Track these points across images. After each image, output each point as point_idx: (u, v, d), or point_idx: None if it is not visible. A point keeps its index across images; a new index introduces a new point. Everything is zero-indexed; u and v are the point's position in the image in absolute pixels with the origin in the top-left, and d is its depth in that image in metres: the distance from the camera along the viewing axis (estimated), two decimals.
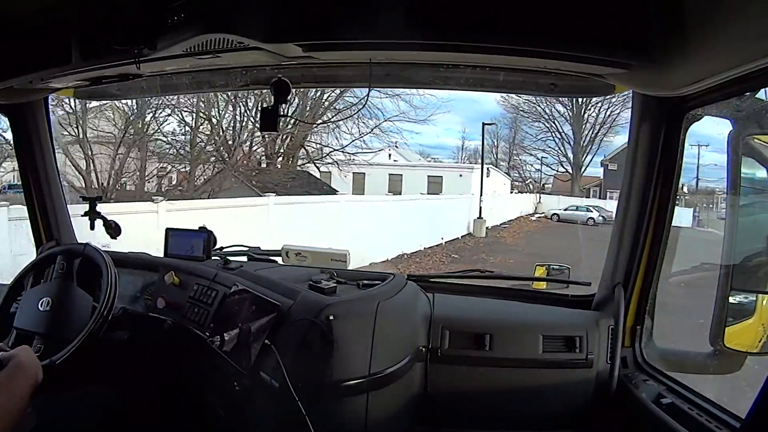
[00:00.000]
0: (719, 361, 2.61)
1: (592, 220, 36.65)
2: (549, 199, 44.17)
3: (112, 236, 3.41)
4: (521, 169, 50.77)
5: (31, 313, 2.82)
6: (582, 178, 48.31)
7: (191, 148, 24.80)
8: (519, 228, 32.79)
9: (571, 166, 48.08)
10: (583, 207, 39.43)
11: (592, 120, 45.76)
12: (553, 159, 48.88)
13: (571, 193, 46.49)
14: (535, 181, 50.03)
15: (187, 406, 3.10)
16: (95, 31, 2.43)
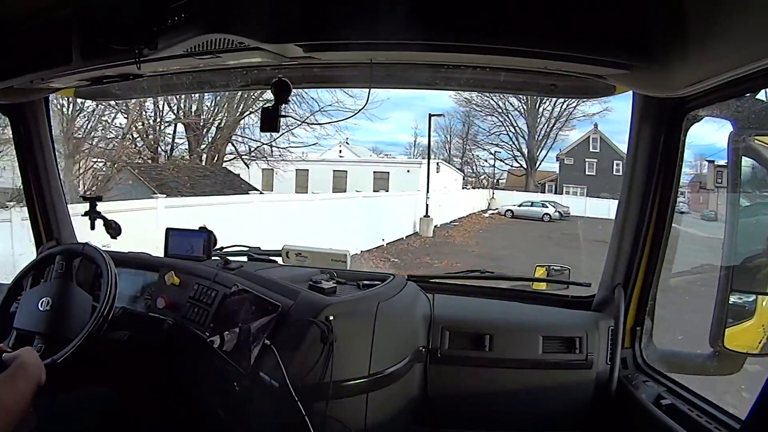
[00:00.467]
0: (719, 363, 2.61)
1: (548, 216, 37.24)
2: (503, 194, 44.32)
3: (112, 236, 3.41)
4: (474, 164, 51.25)
5: (31, 313, 2.82)
6: (537, 173, 49.21)
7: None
8: (470, 226, 32.32)
9: (526, 160, 49.06)
10: (539, 202, 39.80)
11: (548, 114, 47.54)
12: (507, 154, 49.67)
13: (526, 189, 47.03)
14: (489, 177, 50.42)
15: (187, 406, 3.10)
16: (96, 31, 2.43)
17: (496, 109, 46.75)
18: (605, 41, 1.99)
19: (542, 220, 36.37)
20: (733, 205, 2.50)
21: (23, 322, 2.82)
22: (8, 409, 1.83)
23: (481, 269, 3.52)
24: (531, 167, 48.58)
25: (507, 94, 38.86)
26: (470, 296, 3.26)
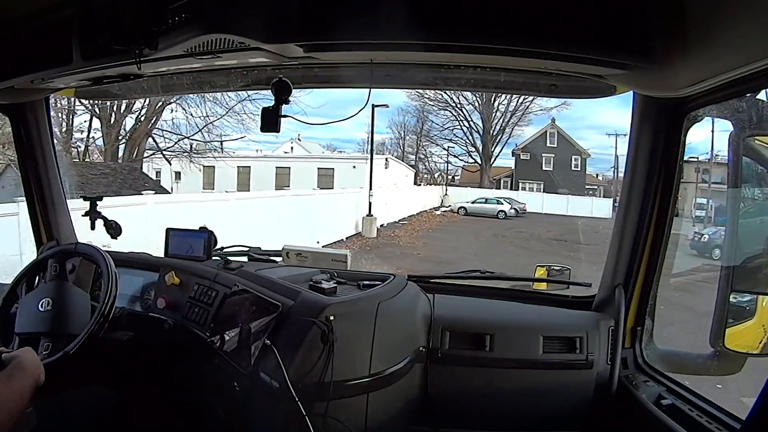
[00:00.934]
0: (720, 363, 2.61)
1: (503, 213, 36.44)
2: (457, 191, 43.42)
3: (112, 236, 3.41)
4: (427, 160, 50.45)
5: (32, 316, 2.81)
6: (492, 168, 48.46)
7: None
8: (419, 225, 30.85)
9: (480, 156, 48.11)
10: (493, 199, 39.10)
11: (503, 108, 46.44)
12: (461, 149, 48.71)
13: (481, 185, 46.25)
14: (444, 173, 49.42)
15: (188, 406, 3.09)
16: (96, 32, 2.43)
17: (449, 104, 46.05)
18: (605, 41, 1.99)
19: (497, 218, 35.77)
20: (733, 205, 2.50)
21: (25, 326, 2.81)
22: (6, 409, 1.83)
23: (481, 269, 3.52)
24: (486, 163, 47.90)
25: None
26: (470, 296, 3.26)
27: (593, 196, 48.56)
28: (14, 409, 1.86)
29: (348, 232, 24.39)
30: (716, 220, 20.03)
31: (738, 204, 2.50)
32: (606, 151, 69.82)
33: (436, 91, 41.06)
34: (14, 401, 1.87)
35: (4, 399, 1.84)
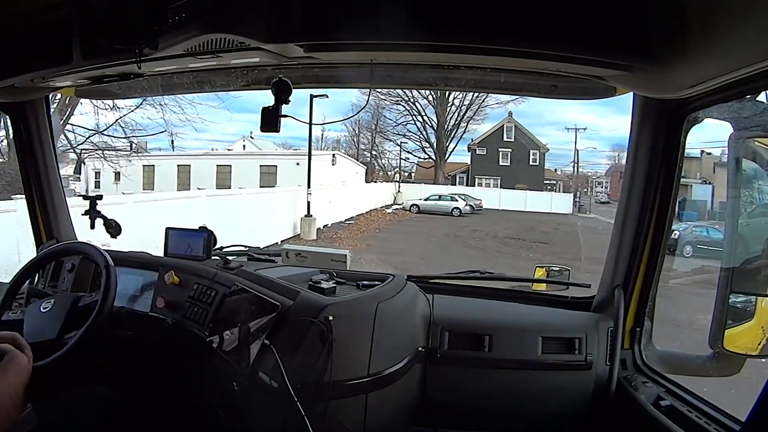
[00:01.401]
0: (719, 364, 2.61)
1: (458, 210, 35.19)
2: (412, 188, 42.17)
3: (112, 235, 3.41)
4: (380, 157, 49.08)
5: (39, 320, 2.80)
6: (447, 164, 46.93)
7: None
8: (367, 224, 28.73)
9: (435, 151, 46.67)
10: (447, 196, 37.78)
11: (458, 102, 44.46)
12: (415, 144, 47.45)
13: (435, 181, 44.74)
14: (402, 170, 48.28)
15: (187, 405, 3.09)
16: (96, 31, 2.43)
17: (402, 98, 44.38)
18: (606, 42, 2.00)
19: (451, 215, 34.49)
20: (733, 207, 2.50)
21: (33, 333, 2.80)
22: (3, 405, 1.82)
23: (480, 270, 3.52)
24: (440, 159, 46.42)
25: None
26: (470, 297, 3.26)
27: (552, 191, 48.26)
28: (10, 405, 1.85)
29: (284, 234, 22.41)
30: (681, 215, 19.52)
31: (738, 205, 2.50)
32: (565, 146, 68.63)
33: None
34: (10, 397, 1.86)
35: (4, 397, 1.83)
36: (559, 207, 42.30)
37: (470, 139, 47.26)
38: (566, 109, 53.21)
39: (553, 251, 22.58)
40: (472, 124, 47.06)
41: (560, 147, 71.29)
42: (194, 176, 31.42)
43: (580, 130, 47.02)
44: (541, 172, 47.41)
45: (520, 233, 28.03)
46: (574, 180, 49.67)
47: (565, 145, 73.05)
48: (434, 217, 32.81)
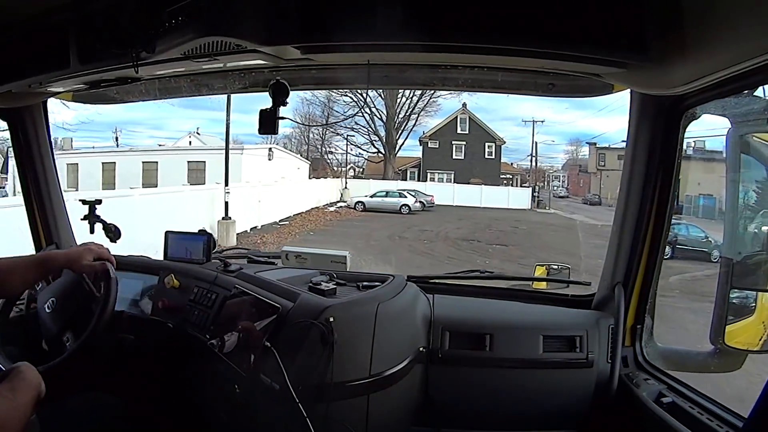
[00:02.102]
0: (720, 360, 2.61)
1: (407, 208, 33.44)
2: (360, 184, 40.02)
3: (111, 239, 3.40)
4: (330, 152, 47.92)
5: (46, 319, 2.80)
6: (397, 159, 45.34)
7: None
8: (302, 225, 25.46)
9: (384, 145, 44.71)
10: (395, 192, 35.76)
11: (408, 93, 42.48)
12: (364, 138, 45.20)
13: (385, 176, 42.95)
14: (356, 166, 47.50)
15: (189, 409, 3.10)
16: (93, 35, 2.44)
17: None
18: (602, 40, 2.00)
19: (400, 213, 32.51)
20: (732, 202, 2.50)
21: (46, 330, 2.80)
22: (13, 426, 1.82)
23: (480, 269, 3.52)
24: (390, 153, 44.33)
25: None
26: (470, 296, 3.26)
27: (509, 185, 47.14)
28: (18, 424, 1.85)
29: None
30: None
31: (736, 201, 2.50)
32: (521, 140, 67.97)
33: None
34: (19, 418, 1.85)
35: (12, 415, 1.83)
36: (517, 202, 41.40)
37: (422, 131, 46.18)
38: (522, 105, 51.98)
39: (513, 255, 20.40)
40: (424, 117, 46.06)
41: (516, 141, 70.10)
42: (120, 174, 28.72)
43: (538, 123, 47.15)
44: (497, 166, 46.66)
45: (474, 233, 26.20)
46: (532, 174, 49.19)
47: (521, 140, 71.53)
48: (380, 215, 30.74)
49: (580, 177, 56.34)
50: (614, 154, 48.30)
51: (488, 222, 30.35)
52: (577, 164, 57.89)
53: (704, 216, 22.06)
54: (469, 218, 31.43)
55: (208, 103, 25.36)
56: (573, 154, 58.80)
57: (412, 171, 46.75)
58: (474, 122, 45.29)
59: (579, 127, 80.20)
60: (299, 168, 37.96)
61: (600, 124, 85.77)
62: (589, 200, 48.57)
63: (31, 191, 3.66)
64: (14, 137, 3.55)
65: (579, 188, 55.13)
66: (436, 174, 45.13)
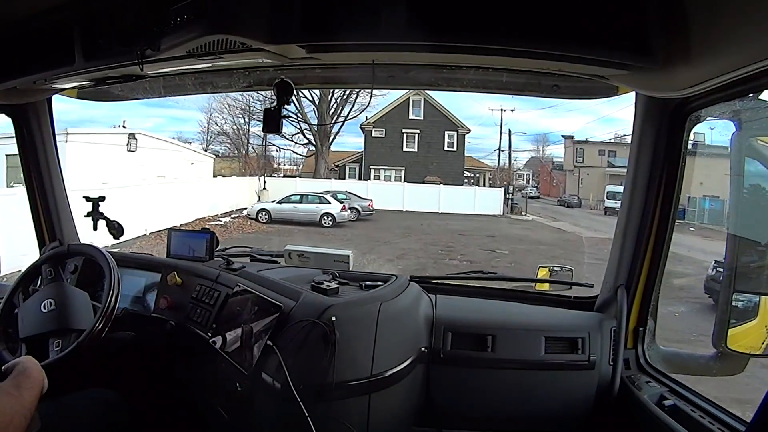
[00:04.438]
0: (722, 363, 2.61)
1: (330, 218, 25.95)
2: (285, 183, 33.04)
3: (115, 236, 3.41)
4: (252, 146, 39.85)
5: (36, 318, 2.80)
6: (331, 151, 38.09)
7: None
8: (152, 249, 14.04)
9: (314, 134, 36.62)
10: (314, 196, 27.69)
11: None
12: (293, 126, 36.69)
13: (315, 174, 36.03)
14: (295, 162, 41.25)
15: (190, 407, 3.10)
16: (98, 33, 2.45)
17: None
18: (607, 42, 1.99)
19: (320, 225, 25.09)
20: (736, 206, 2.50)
21: (29, 329, 2.80)
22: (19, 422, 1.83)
23: (483, 270, 3.52)
24: (322, 144, 36.47)
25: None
26: (473, 297, 3.26)
27: (475, 184, 39.94)
28: (23, 420, 1.86)
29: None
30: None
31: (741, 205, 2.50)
32: (485, 139, 63.09)
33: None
34: (25, 415, 1.87)
35: (17, 412, 1.84)
36: (486, 206, 34.20)
37: (364, 117, 36.51)
38: (482, 103, 47.64)
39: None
40: (367, 98, 39.73)
41: (479, 141, 66.83)
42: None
43: (507, 111, 40.24)
44: (460, 161, 38.69)
45: (425, 262, 17.92)
46: (502, 172, 41.94)
47: (485, 139, 67.78)
48: (290, 229, 23.69)
49: (552, 175, 52.32)
50: (594, 148, 44.72)
51: (448, 238, 23.21)
52: (550, 160, 54.07)
53: (711, 221, 20.80)
54: (419, 232, 24.54)
55: (168, 101, 23.97)
56: (540, 151, 54.85)
57: (352, 167, 39.41)
58: (431, 105, 37.09)
59: (541, 126, 77.80)
60: (193, 163, 31.04)
61: (562, 124, 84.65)
62: (566, 202, 44.21)
63: (35, 188, 3.67)
64: (19, 134, 3.55)
65: (552, 188, 51.46)
66: (382, 170, 37.88)
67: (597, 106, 40.68)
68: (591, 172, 43.35)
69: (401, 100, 36.83)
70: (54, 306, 2.79)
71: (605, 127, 60.67)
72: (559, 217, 35.13)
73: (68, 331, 2.75)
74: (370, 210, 29.51)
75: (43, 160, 3.62)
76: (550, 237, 25.38)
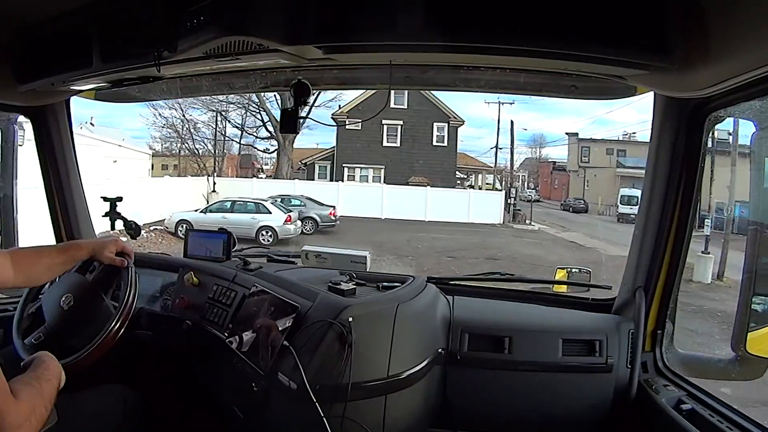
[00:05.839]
0: (741, 367, 2.58)
1: (270, 232, 21.75)
2: (241, 184, 29.99)
3: (132, 236, 3.43)
4: (206, 142, 36.20)
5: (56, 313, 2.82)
6: (296, 149, 34.31)
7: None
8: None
9: (275, 128, 33.01)
10: (250, 204, 23.30)
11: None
12: (256, 118, 34.62)
13: (276, 174, 32.84)
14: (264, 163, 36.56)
15: (206, 405, 3.11)
16: (115, 35, 2.47)
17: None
18: (625, 42, 1.98)
19: (258, 241, 20.75)
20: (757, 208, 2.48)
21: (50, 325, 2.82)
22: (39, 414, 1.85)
23: (500, 271, 3.51)
24: (284, 139, 32.44)
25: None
26: (490, 298, 3.26)
27: (471, 187, 36.40)
28: (44, 412, 1.88)
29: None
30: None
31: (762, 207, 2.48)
32: (478, 140, 62.40)
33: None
34: (45, 405, 1.89)
35: (38, 402, 1.86)
36: (482, 213, 30.53)
37: (337, 106, 32.62)
38: (473, 105, 44.17)
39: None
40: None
41: (472, 143, 63.11)
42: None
43: (505, 105, 37.03)
44: (451, 158, 34.72)
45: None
46: (502, 173, 37.97)
47: (477, 140, 67.38)
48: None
49: (554, 176, 50.41)
50: (601, 147, 42.37)
51: (433, 263, 18.80)
52: (546, 160, 52.06)
53: (741, 231, 18.74)
54: (392, 252, 19.99)
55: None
56: (537, 152, 52.72)
57: (323, 166, 35.49)
58: (416, 92, 31.74)
59: (535, 128, 76.56)
60: (116, 161, 26.41)
61: (555, 126, 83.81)
62: (571, 206, 40.94)
63: (53, 188, 3.70)
64: (38, 135, 3.59)
65: (553, 190, 49.49)
66: (358, 169, 34.22)
67: (590, 108, 39.14)
68: (598, 173, 41.38)
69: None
70: (72, 302, 2.81)
71: (598, 128, 58.76)
72: (569, 225, 31.64)
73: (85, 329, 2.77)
74: (331, 220, 25.34)
75: (62, 160, 3.65)
76: (568, 256, 21.08)
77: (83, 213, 3.79)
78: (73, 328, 2.77)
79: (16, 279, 2.50)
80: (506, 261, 19.36)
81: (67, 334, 2.78)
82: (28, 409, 1.80)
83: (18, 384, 1.85)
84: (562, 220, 34.04)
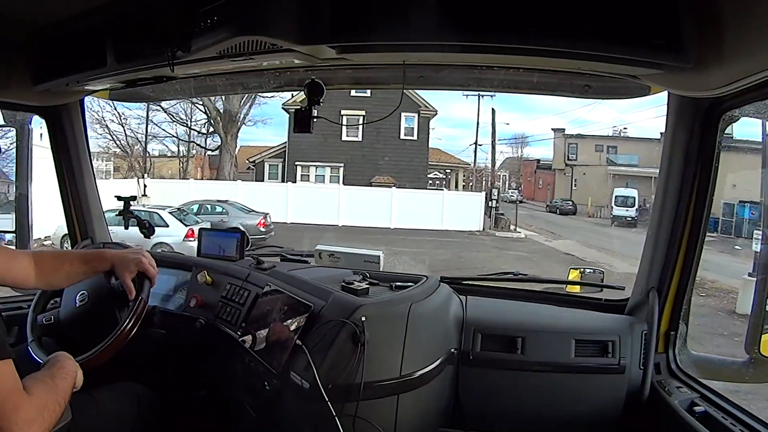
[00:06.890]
0: (755, 370, 2.57)
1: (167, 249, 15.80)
2: (176, 187, 27.15)
3: (145, 235, 3.46)
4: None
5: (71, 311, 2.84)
6: (243, 145, 31.81)
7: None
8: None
9: (215, 121, 30.44)
10: (146, 213, 17.02)
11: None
12: (202, 115, 31.52)
13: (218, 175, 30.11)
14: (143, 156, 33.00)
15: (218, 404, 3.12)
16: (129, 35, 2.48)
17: None
18: (639, 41, 1.97)
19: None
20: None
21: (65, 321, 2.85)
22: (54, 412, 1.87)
23: (514, 271, 3.51)
24: (227, 135, 30.03)
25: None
26: (503, 298, 3.26)
27: (443, 187, 33.01)
28: (58, 409, 1.90)
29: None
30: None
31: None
32: (456, 140, 61.30)
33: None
34: (59, 402, 1.92)
35: (52, 399, 1.88)
36: (459, 218, 27.64)
37: (290, 95, 27.87)
38: (455, 106, 42.20)
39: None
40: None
41: (450, 143, 63.07)
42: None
43: (485, 97, 33.70)
44: (422, 154, 31.60)
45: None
46: (481, 173, 35.76)
47: (456, 140, 65.10)
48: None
49: (538, 175, 48.50)
50: (590, 144, 40.15)
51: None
52: (535, 159, 49.46)
53: (750, 234, 17.92)
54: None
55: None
56: (516, 151, 50.63)
57: (273, 164, 32.56)
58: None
59: (516, 129, 75.48)
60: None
61: (535, 126, 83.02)
62: (558, 207, 38.79)
63: (67, 187, 3.73)
64: (52, 134, 3.62)
65: (537, 190, 47.57)
66: (313, 167, 31.19)
67: (571, 106, 37.10)
68: (588, 172, 39.37)
69: None
70: (86, 299, 2.83)
71: (578, 128, 57.25)
72: (559, 231, 28.46)
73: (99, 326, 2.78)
74: (260, 232, 20.84)
75: (76, 160, 3.68)
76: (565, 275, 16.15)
77: (97, 211, 3.82)
78: (86, 325, 2.79)
79: (37, 282, 2.53)
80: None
81: (78, 331, 2.80)
82: (41, 404, 1.82)
83: (31, 381, 1.88)
84: (551, 225, 31.54)
